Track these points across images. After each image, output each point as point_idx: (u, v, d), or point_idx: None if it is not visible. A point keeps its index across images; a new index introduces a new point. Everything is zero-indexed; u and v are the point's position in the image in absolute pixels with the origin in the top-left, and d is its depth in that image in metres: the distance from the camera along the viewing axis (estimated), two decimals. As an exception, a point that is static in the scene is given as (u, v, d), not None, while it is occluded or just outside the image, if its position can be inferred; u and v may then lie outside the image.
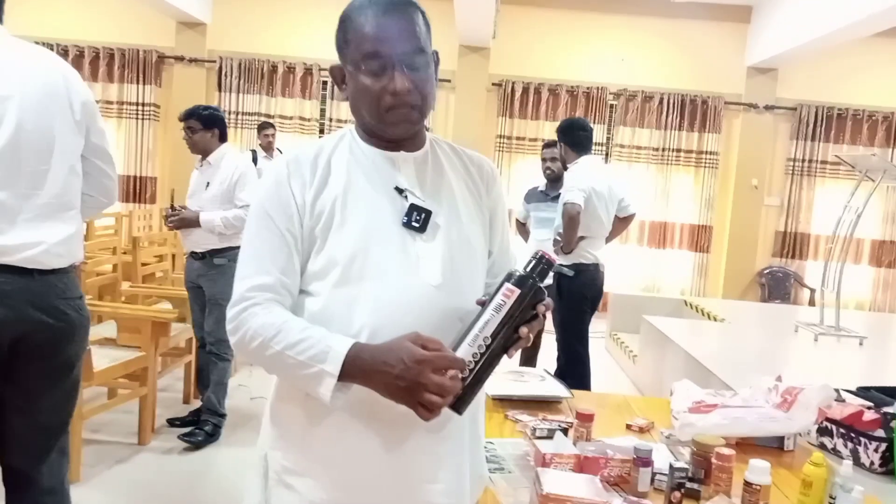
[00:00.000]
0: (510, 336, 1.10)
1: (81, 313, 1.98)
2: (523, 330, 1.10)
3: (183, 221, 3.56)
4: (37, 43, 2.01)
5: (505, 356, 1.13)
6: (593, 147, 4.21)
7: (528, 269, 1.13)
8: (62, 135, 1.91)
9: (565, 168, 4.21)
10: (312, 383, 1.09)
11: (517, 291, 1.09)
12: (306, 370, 1.09)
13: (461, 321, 1.15)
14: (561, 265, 4.05)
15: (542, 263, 1.13)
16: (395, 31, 1.14)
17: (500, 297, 1.09)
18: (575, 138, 4.09)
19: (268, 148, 6.64)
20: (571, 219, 3.88)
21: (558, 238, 4.04)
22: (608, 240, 4.24)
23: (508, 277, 1.11)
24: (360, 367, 1.08)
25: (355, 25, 1.16)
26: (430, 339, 1.07)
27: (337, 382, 1.07)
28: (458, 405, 1.08)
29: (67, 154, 1.93)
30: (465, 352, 1.08)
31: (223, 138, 3.68)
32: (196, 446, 3.53)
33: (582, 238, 3.99)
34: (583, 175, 3.98)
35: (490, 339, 1.08)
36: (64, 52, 7.49)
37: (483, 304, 1.12)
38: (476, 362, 1.08)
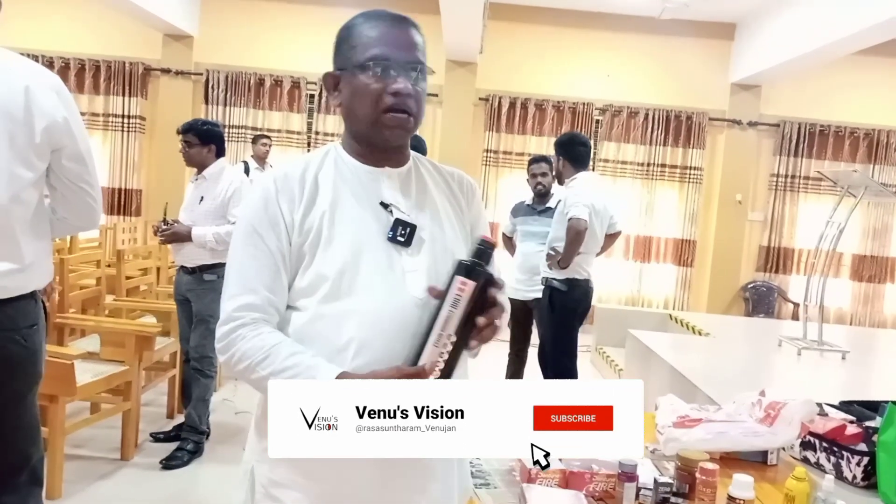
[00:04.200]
0: (471, 327, 1.11)
1: (24, 344, 1.84)
2: (480, 320, 1.10)
3: (175, 236, 3.53)
4: (21, 55, 1.90)
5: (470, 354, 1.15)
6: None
7: (474, 258, 1.14)
8: (8, 161, 1.73)
9: (560, 182, 4.23)
10: None
11: (470, 283, 1.11)
12: None
13: None
14: (554, 279, 4.07)
15: (485, 247, 1.15)
16: (404, 41, 1.20)
17: (454, 292, 1.11)
18: (575, 153, 4.12)
19: (262, 159, 6.63)
20: (578, 234, 3.89)
21: (552, 252, 4.04)
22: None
23: (458, 270, 1.12)
24: None
25: (364, 31, 1.21)
26: (413, 371, 1.09)
27: None
28: None
29: (14, 181, 1.75)
30: (433, 352, 1.09)
31: (220, 153, 3.66)
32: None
33: (578, 253, 4.01)
34: (585, 191, 4.01)
35: (454, 336, 1.10)
36: (49, 64, 7.45)
37: (439, 297, 1.13)
38: (445, 361, 1.09)
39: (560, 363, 4.15)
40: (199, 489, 3.34)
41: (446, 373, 1.10)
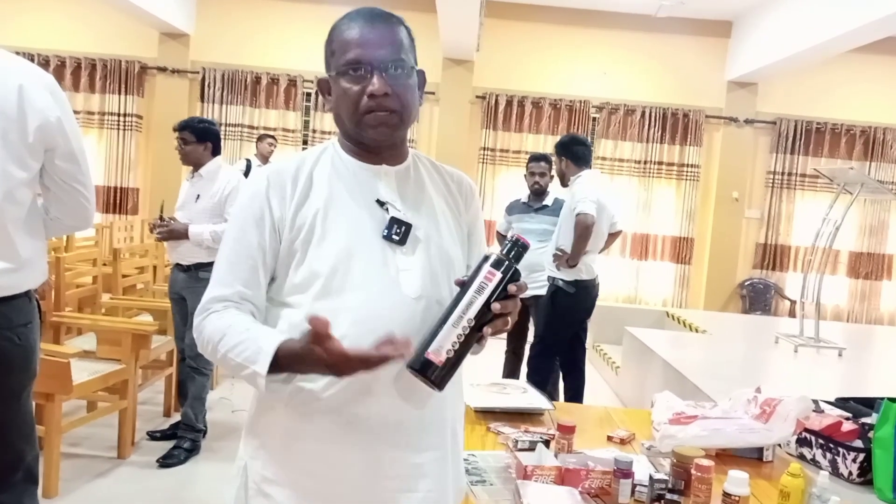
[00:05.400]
0: (487, 315, 1.12)
1: (18, 343, 1.84)
2: (496, 305, 1.11)
3: (172, 233, 3.53)
4: (17, 53, 1.89)
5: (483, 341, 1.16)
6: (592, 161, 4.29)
7: (506, 252, 1.16)
8: (2, 160, 1.73)
9: (563, 183, 4.25)
10: (251, 382, 1.13)
11: (498, 274, 1.12)
12: (243, 371, 1.13)
13: None
14: (560, 279, 4.06)
15: (517, 246, 1.17)
16: (376, 39, 1.18)
17: (481, 280, 1.12)
18: (577, 153, 4.17)
19: (266, 157, 6.63)
20: (586, 228, 3.90)
21: (559, 252, 4.03)
22: None
23: (487, 260, 1.13)
24: (289, 366, 1.11)
25: (341, 35, 1.20)
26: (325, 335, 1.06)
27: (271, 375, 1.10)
28: (440, 382, 1.11)
29: (7, 180, 1.75)
30: (450, 332, 1.10)
31: (216, 152, 3.66)
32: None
33: (584, 252, 4.01)
34: (591, 187, 4.02)
35: (473, 322, 1.11)
36: (45, 62, 7.43)
37: (462, 285, 1.13)
38: (460, 343, 1.10)
39: (537, 360, 4.17)
40: (196, 487, 3.34)
41: (457, 358, 1.11)
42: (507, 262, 1.13)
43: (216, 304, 1.19)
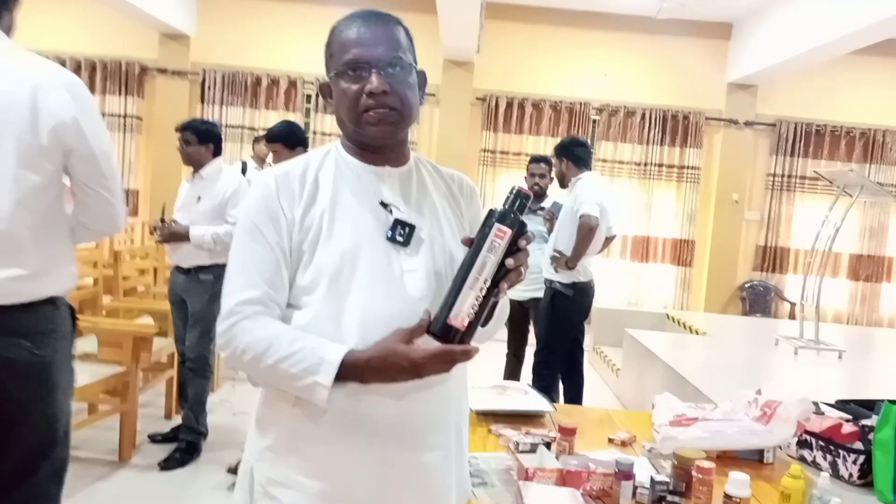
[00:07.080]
0: (502, 271, 1.13)
1: (34, 352, 1.75)
2: (509, 261, 1.12)
3: (173, 235, 3.52)
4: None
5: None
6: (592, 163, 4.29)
7: (511, 206, 1.15)
8: (14, 165, 1.68)
9: (563, 184, 4.25)
10: (307, 393, 1.13)
11: (507, 230, 1.12)
12: (299, 382, 1.12)
13: None
14: (558, 282, 4.06)
15: (520, 198, 1.16)
16: (373, 38, 1.20)
17: (492, 238, 1.12)
18: (577, 154, 4.18)
19: (262, 159, 6.63)
20: (590, 230, 3.91)
21: (557, 254, 4.03)
22: None
23: (497, 218, 1.13)
24: (355, 375, 1.12)
25: (340, 36, 1.22)
26: (415, 331, 1.11)
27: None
28: (462, 342, 1.11)
29: (19, 186, 1.70)
30: (468, 295, 1.11)
31: (217, 153, 3.66)
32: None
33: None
34: (595, 189, 4.03)
35: (490, 282, 1.11)
36: (46, 65, 7.43)
37: (471, 244, 1.13)
38: (479, 304, 1.11)
39: (542, 366, 4.16)
40: (197, 490, 3.33)
41: (478, 317, 1.12)
42: (513, 216, 1.13)
43: (245, 308, 1.16)
